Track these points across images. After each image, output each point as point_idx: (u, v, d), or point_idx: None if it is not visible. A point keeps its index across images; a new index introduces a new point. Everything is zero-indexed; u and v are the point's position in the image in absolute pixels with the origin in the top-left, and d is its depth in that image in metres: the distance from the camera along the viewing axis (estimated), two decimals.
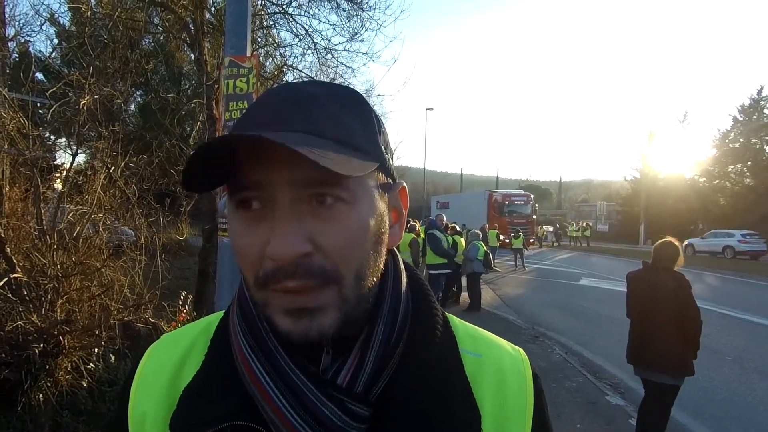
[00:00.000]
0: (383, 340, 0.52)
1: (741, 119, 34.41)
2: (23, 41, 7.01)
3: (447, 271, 9.30)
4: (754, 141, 33.56)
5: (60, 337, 3.56)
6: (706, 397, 5.31)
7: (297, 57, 7.89)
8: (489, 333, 0.66)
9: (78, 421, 3.58)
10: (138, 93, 14.93)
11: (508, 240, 20.96)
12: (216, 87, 5.49)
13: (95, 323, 3.91)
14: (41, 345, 3.43)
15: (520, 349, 0.65)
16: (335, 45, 7.77)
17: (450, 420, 0.53)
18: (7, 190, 4.10)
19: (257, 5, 7.06)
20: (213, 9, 6.92)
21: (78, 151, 4.62)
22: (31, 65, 4.68)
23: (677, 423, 4.60)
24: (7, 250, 3.73)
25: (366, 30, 7.62)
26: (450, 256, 9.19)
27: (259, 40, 7.85)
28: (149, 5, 6.69)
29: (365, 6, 7.46)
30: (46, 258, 3.80)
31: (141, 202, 4.97)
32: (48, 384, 3.45)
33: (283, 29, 7.93)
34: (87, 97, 4.25)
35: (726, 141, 34.89)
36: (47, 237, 3.92)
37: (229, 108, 3.03)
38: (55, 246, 3.88)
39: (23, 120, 3.98)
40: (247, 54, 3.11)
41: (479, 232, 10.93)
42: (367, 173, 0.49)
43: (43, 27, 7.12)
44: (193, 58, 6.92)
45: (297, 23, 7.45)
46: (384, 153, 0.55)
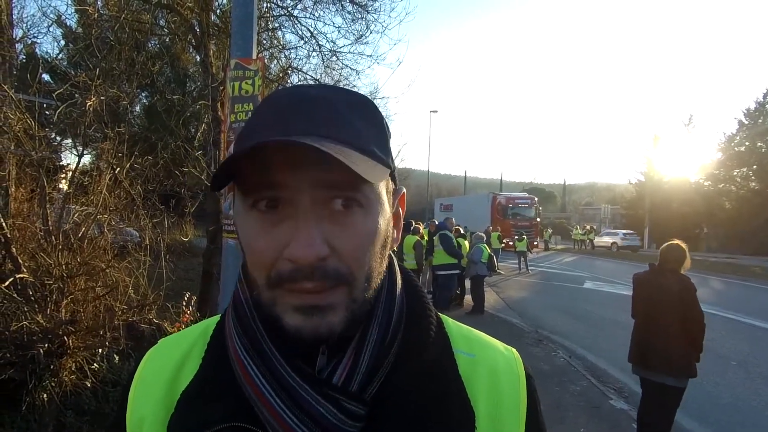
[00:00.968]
0: (378, 339, 0.53)
1: (746, 123, 34.26)
2: (30, 43, 7.05)
3: (457, 272, 9.31)
4: (759, 145, 33.40)
5: (64, 338, 3.57)
6: (710, 402, 5.28)
7: (302, 59, 7.96)
8: (482, 333, 0.67)
9: (82, 421, 3.59)
10: (144, 94, 15.03)
11: (511, 243, 20.93)
12: (221, 89, 5.51)
13: (100, 324, 3.92)
14: (46, 345, 3.44)
15: (513, 350, 0.66)
16: (340, 47, 7.80)
17: (445, 420, 0.53)
18: (14, 190, 4.13)
19: (263, 7, 7.09)
20: (218, 11, 6.94)
21: (84, 152, 4.63)
22: (38, 66, 4.71)
23: (682, 427, 4.57)
24: (13, 250, 3.75)
25: (371, 32, 7.64)
26: (461, 256, 9.21)
27: (265, 42, 7.88)
28: (155, 7, 6.72)
29: (370, 8, 7.49)
30: (51, 258, 3.81)
31: (146, 203, 4.98)
32: (52, 384, 3.46)
33: (288, 31, 7.98)
34: (93, 99, 4.27)
35: (731, 144, 34.73)
36: (53, 237, 3.94)
37: (235, 110, 3.04)
38: (61, 246, 3.89)
39: (30, 121, 4.00)
40: (253, 56, 3.12)
41: (483, 234, 10.92)
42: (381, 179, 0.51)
43: (51, 28, 7.16)
44: (199, 60, 6.95)
45: (302, 25, 7.49)
46: (393, 160, 0.57)
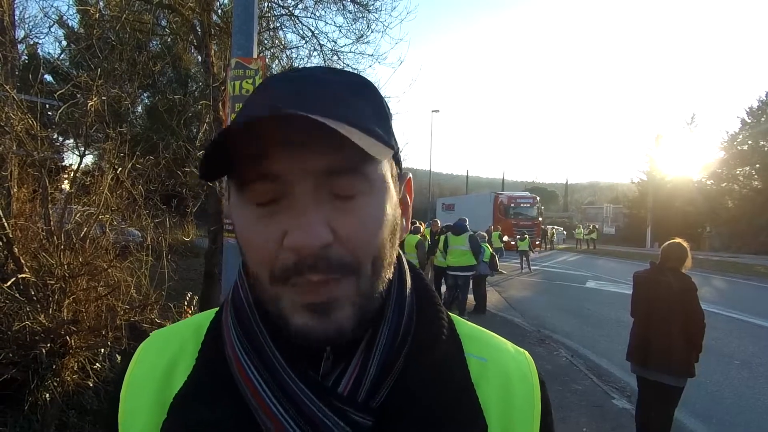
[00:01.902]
0: (387, 343, 0.50)
1: (749, 121, 34.19)
2: (32, 43, 7.08)
3: (473, 272, 9.06)
4: (762, 143, 33.34)
5: (67, 337, 3.58)
6: (713, 402, 5.26)
7: (303, 59, 7.92)
8: (494, 335, 0.64)
9: (84, 421, 3.60)
10: (145, 95, 15.05)
11: (513, 242, 20.90)
12: (222, 89, 5.52)
13: (102, 323, 3.93)
14: (48, 345, 3.45)
15: (525, 353, 0.63)
16: (341, 47, 7.80)
17: (455, 429, 0.51)
18: (16, 190, 4.13)
19: (264, 7, 7.09)
20: (220, 11, 6.95)
21: (85, 153, 4.64)
22: (40, 67, 4.73)
23: (685, 427, 4.56)
24: (15, 250, 3.75)
25: (372, 32, 7.65)
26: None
27: (266, 42, 7.88)
28: (157, 7, 6.73)
29: (371, 8, 7.49)
30: (53, 258, 3.82)
31: (147, 203, 4.99)
32: (54, 384, 3.47)
33: (290, 31, 7.98)
34: (95, 99, 4.27)
35: (734, 143, 34.67)
36: (55, 237, 3.95)
37: (236, 109, 3.04)
38: (63, 246, 3.90)
39: (32, 121, 4.01)
40: (254, 55, 3.12)
41: (485, 234, 10.90)
42: (383, 161, 0.49)
43: (52, 29, 7.20)
44: (200, 60, 6.96)
45: (303, 25, 7.49)
46: (396, 142, 0.55)
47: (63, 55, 8.89)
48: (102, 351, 3.91)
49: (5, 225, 3.66)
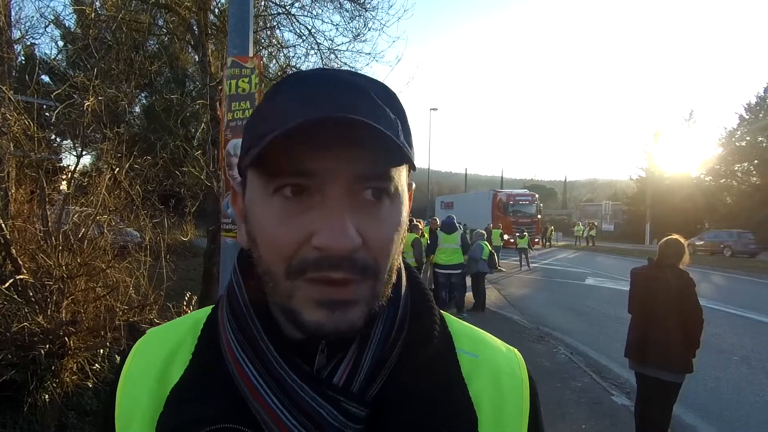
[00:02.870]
0: (381, 338, 0.52)
1: (747, 117, 34.22)
2: (29, 44, 7.05)
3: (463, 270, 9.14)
4: (760, 139, 33.36)
5: (65, 338, 3.57)
6: (713, 398, 5.27)
7: (300, 58, 7.89)
8: (485, 333, 0.65)
9: (84, 422, 3.59)
10: (142, 95, 15.04)
11: (512, 240, 20.91)
12: (220, 88, 5.50)
13: (100, 324, 3.92)
14: (47, 346, 3.45)
15: (515, 350, 0.64)
16: (338, 45, 7.77)
17: (447, 422, 0.52)
18: (13, 191, 4.13)
19: (260, 6, 7.08)
20: (216, 11, 6.94)
21: (83, 153, 4.63)
22: (37, 67, 4.70)
23: (684, 423, 4.57)
24: (13, 251, 3.75)
25: (369, 30, 7.61)
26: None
27: (263, 41, 7.87)
28: (153, 7, 6.72)
29: (368, 6, 7.46)
30: (51, 259, 3.81)
31: (145, 203, 4.98)
32: (54, 385, 3.46)
33: (287, 30, 7.94)
34: (92, 99, 4.26)
35: (732, 139, 34.72)
36: (52, 238, 3.94)
37: (232, 108, 3.03)
38: (61, 247, 3.89)
39: (29, 122, 4.00)
40: (250, 54, 3.12)
41: (484, 232, 10.89)
42: (404, 170, 0.51)
43: (48, 29, 7.15)
44: (197, 59, 6.95)
45: (300, 24, 7.46)
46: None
47: (59, 56, 8.87)
48: (101, 352, 3.90)
49: (3, 226, 3.65)
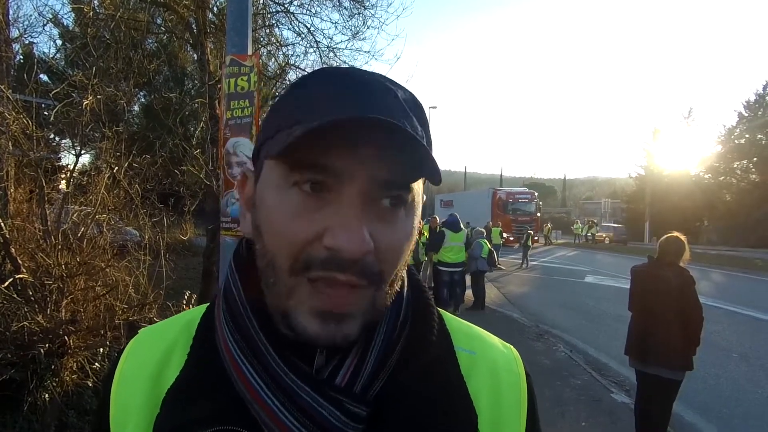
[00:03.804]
0: (384, 340, 0.51)
1: (746, 115, 34.24)
2: (27, 43, 7.04)
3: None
4: (759, 137, 33.38)
5: (65, 337, 3.57)
6: (712, 395, 5.28)
7: (299, 56, 7.89)
8: (482, 330, 0.66)
9: (84, 421, 3.60)
10: (141, 93, 15.01)
11: (512, 238, 20.96)
12: (219, 86, 5.50)
13: (100, 323, 3.92)
14: (47, 345, 3.44)
15: (511, 347, 0.65)
16: (337, 43, 7.77)
17: (447, 420, 0.52)
18: (12, 191, 4.12)
19: (259, 4, 7.07)
20: (215, 9, 6.93)
21: (82, 152, 4.60)
22: (35, 66, 4.68)
23: (684, 421, 4.57)
24: (12, 250, 3.74)
25: (368, 28, 7.63)
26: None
27: (262, 39, 7.86)
28: (152, 5, 6.71)
29: (367, 4, 7.46)
30: (50, 258, 3.81)
31: (145, 202, 4.97)
32: (53, 384, 3.46)
33: (286, 28, 7.93)
34: (90, 98, 4.25)
35: (731, 137, 34.73)
36: (52, 237, 3.94)
37: (231, 107, 3.03)
38: (60, 246, 3.89)
39: (27, 121, 3.99)
40: (249, 52, 3.11)
41: (483, 230, 10.90)
42: (420, 181, 0.50)
43: (46, 28, 7.14)
44: (196, 58, 6.95)
45: (299, 22, 7.45)
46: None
47: (58, 54, 8.85)
48: (101, 351, 3.90)
49: (2, 225, 3.65)
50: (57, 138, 6.43)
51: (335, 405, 0.47)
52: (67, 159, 6.36)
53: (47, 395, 3.41)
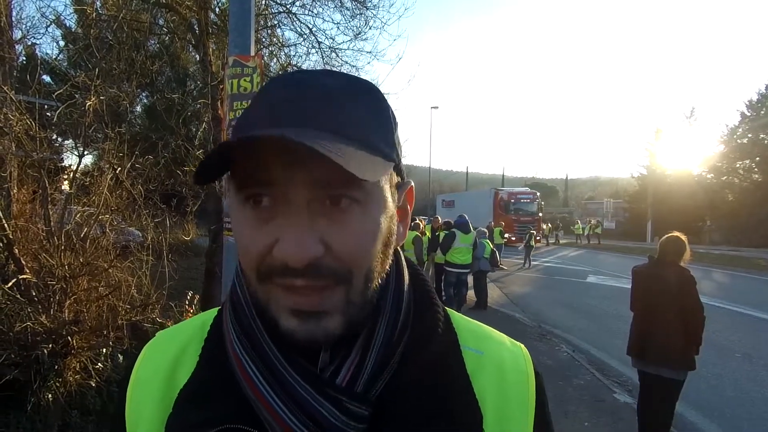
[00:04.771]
0: (385, 337, 0.51)
1: (749, 115, 34.13)
2: (30, 44, 7.06)
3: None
4: (762, 136, 33.29)
5: (68, 338, 3.58)
6: (714, 395, 5.27)
7: (301, 56, 7.88)
8: (490, 329, 0.65)
9: (87, 421, 3.61)
10: (144, 94, 15.01)
11: (514, 238, 20.92)
12: (221, 87, 5.50)
13: (103, 323, 3.93)
14: (50, 345, 3.46)
15: (520, 345, 0.64)
16: (339, 44, 7.75)
17: (451, 420, 0.52)
18: (15, 191, 4.13)
19: (261, 5, 7.07)
20: (217, 9, 6.93)
21: (85, 153, 4.64)
22: (38, 67, 4.71)
23: (686, 420, 4.57)
24: (16, 251, 3.76)
25: (370, 28, 7.60)
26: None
27: (264, 40, 7.85)
28: (154, 6, 6.72)
29: (369, 4, 7.44)
30: (54, 259, 3.82)
31: (147, 202, 4.98)
32: (57, 384, 3.48)
33: (287, 29, 7.93)
34: (93, 99, 4.26)
35: (734, 137, 34.63)
36: (55, 238, 3.95)
37: (234, 107, 3.03)
38: (63, 247, 3.90)
39: (30, 122, 4.00)
40: (251, 53, 3.12)
41: (485, 230, 10.89)
42: (383, 174, 0.49)
43: (49, 29, 7.15)
44: (198, 58, 6.95)
45: (301, 22, 7.44)
46: (399, 152, 0.54)
47: (61, 56, 8.86)
48: (104, 351, 3.92)
49: (6, 226, 3.66)
50: (60, 139, 6.45)
51: (334, 404, 0.47)
52: (70, 160, 6.39)
53: (50, 395, 3.42)
